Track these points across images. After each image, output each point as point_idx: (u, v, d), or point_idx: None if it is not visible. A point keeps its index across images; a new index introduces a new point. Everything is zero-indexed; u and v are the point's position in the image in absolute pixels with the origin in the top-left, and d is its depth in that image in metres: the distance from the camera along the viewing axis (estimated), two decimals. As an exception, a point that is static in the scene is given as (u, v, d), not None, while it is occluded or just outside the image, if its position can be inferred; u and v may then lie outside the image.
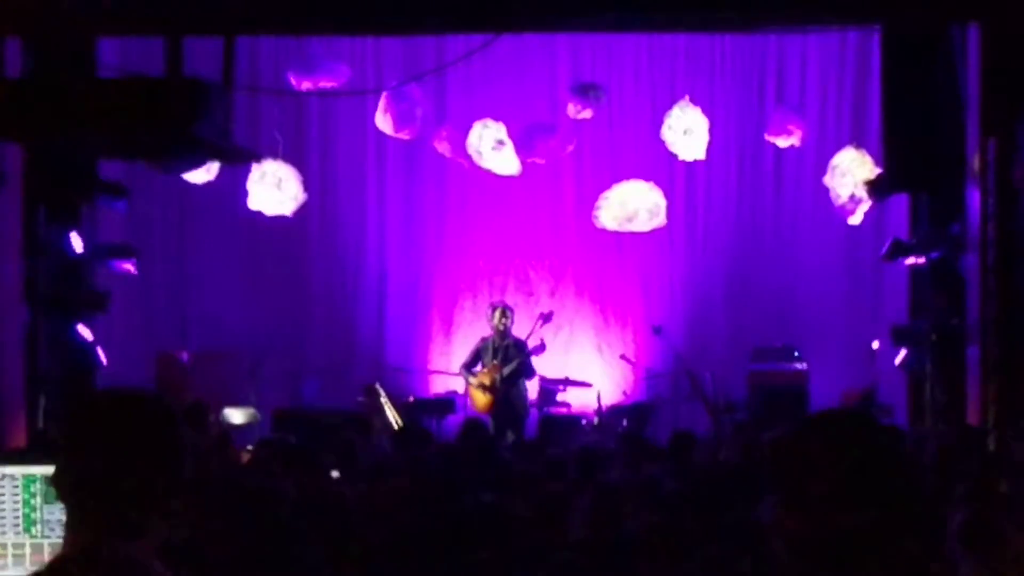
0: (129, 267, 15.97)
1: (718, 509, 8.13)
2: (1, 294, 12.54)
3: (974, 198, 12.83)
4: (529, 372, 17.15)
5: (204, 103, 11.41)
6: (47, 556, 5.24)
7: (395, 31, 16.16)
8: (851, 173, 15.65)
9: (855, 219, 16.45)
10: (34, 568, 4.38)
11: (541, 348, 17.08)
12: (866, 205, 15.96)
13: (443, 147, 17.56)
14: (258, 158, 15.82)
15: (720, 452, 11.20)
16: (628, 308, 19.45)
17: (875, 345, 17.33)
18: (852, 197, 15.64)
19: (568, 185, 19.41)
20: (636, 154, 18.65)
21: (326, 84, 16.54)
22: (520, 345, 17.06)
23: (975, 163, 12.74)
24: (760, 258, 19.17)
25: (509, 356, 16.93)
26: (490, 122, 16.91)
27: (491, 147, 16.75)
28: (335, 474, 10.72)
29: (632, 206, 16.52)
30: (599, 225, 17.04)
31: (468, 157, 17.13)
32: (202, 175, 15.61)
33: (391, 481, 9.39)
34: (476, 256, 19.56)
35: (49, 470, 3.70)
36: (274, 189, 16.30)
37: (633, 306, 19.43)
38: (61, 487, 3.28)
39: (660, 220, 16.68)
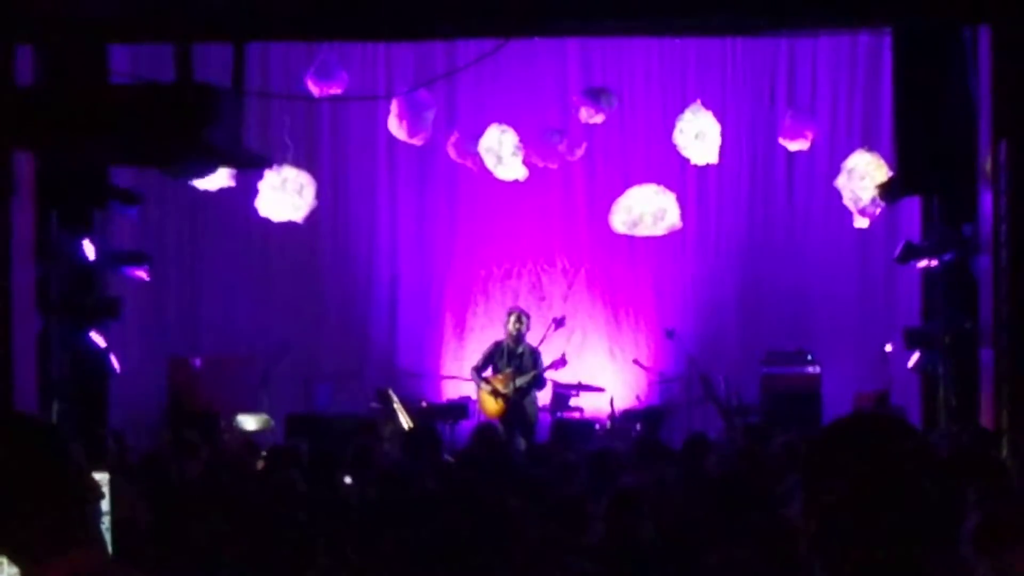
0: (141, 273, 15.97)
1: (732, 512, 8.12)
2: (14, 301, 12.51)
3: (986, 200, 12.79)
4: (540, 384, 17.16)
5: (215, 109, 11.39)
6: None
7: (406, 36, 16.15)
8: (869, 176, 15.62)
9: (862, 223, 16.43)
10: None
11: (562, 363, 17.04)
12: (877, 208, 15.96)
13: (454, 152, 17.58)
14: (269, 163, 15.82)
15: (733, 455, 11.18)
16: (641, 312, 19.45)
17: (888, 348, 17.31)
18: (873, 200, 15.62)
19: (580, 189, 19.43)
20: (648, 158, 18.67)
21: (338, 90, 16.58)
22: (535, 355, 17.06)
23: (987, 165, 12.71)
24: (772, 261, 19.16)
25: (523, 366, 16.95)
26: (506, 127, 16.91)
27: (511, 152, 16.76)
28: (348, 480, 10.73)
29: (637, 211, 16.51)
30: (614, 230, 17.04)
31: (477, 162, 17.14)
32: (220, 180, 15.61)
33: (404, 486, 9.40)
34: (488, 260, 19.57)
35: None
36: (295, 195, 16.33)
37: (646, 310, 19.43)
38: None
39: (669, 223, 16.62)
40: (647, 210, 16.50)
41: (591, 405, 17.77)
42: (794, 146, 17.38)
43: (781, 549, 6.47)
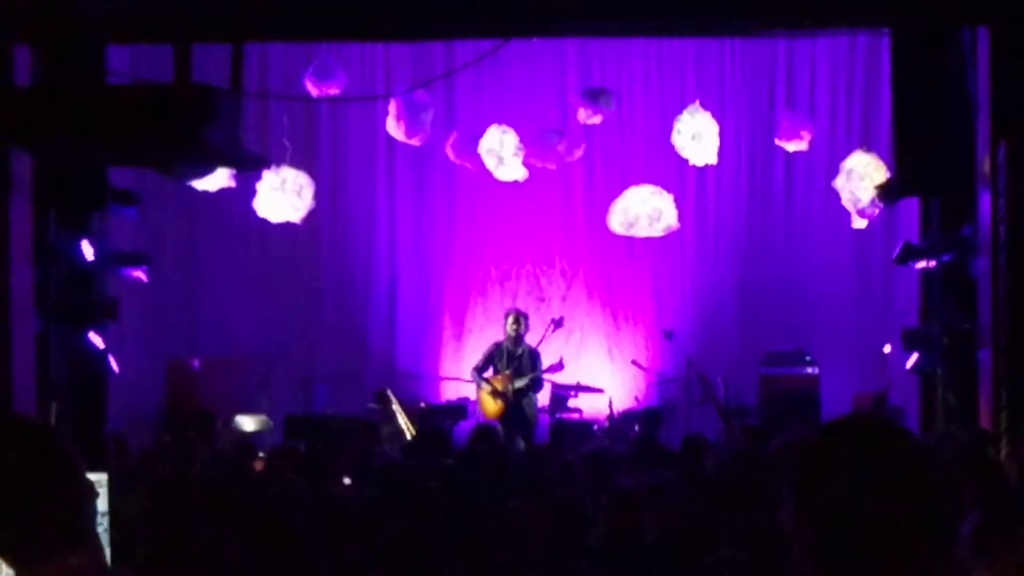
0: (140, 274, 15.98)
1: (730, 513, 8.12)
2: (12, 302, 12.53)
3: (985, 201, 12.81)
4: (538, 386, 17.14)
5: (213, 109, 11.40)
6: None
7: (405, 37, 16.15)
8: (868, 177, 15.62)
9: (860, 224, 16.43)
10: None
11: (559, 367, 17.04)
12: (876, 209, 15.96)
13: (452, 152, 17.57)
14: (268, 164, 15.81)
15: (732, 456, 11.18)
16: (639, 313, 19.44)
17: (887, 349, 17.31)
18: (872, 201, 15.63)
19: (578, 190, 19.42)
20: (646, 159, 18.65)
21: (337, 90, 16.58)
22: (534, 356, 17.04)
23: (986, 166, 12.72)
24: (771, 262, 19.15)
25: (523, 367, 16.93)
26: (507, 128, 16.90)
27: (512, 153, 16.74)
28: (347, 480, 10.73)
29: (633, 212, 16.50)
30: (612, 231, 17.04)
31: (477, 163, 17.13)
32: (219, 181, 15.59)
33: (403, 487, 9.39)
34: (487, 261, 19.56)
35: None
36: (294, 196, 16.32)
37: (644, 311, 19.42)
38: None
39: (665, 224, 16.57)
40: (643, 211, 16.48)
41: (590, 406, 17.76)
42: (791, 147, 17.37)
43: (780, 551, 6.47)
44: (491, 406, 16.90)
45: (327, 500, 9.07)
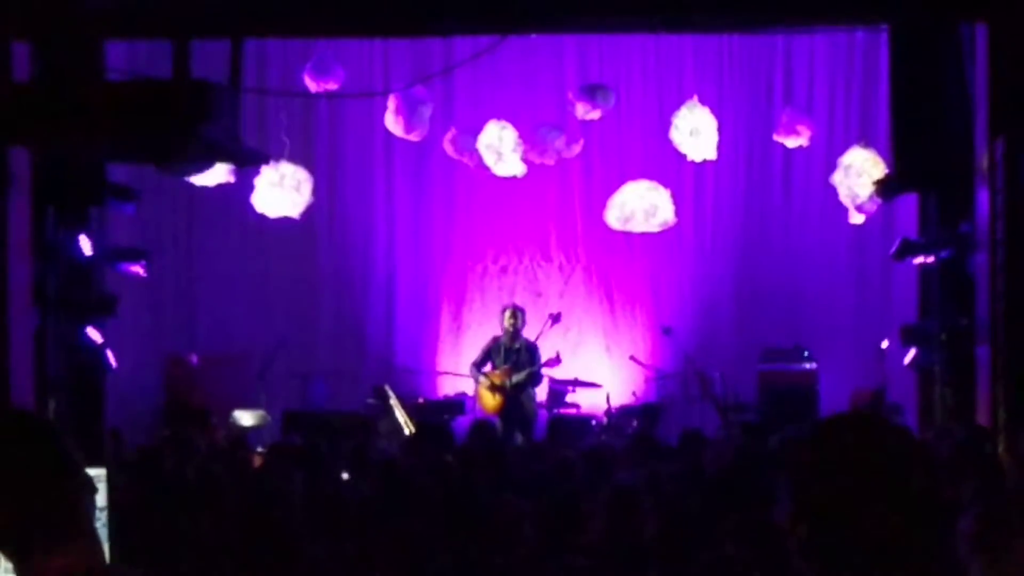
0: (138, 270, 15.96)
1: (728, 509, 8.13)
2: (10, 297, 12.51)
3: (983, 197, 12.79)
4: (536, 380, 17.13)
5: (212, 105, 11.39)
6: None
7: (403, 33, 16.14)
8: (867, 173, 15.61)
9: (858, 219, 16.42)
10: None
11: (556, 361, 17.04)
12: (874, 205, 15.95)
13: (451, 148, 17.57)
14: (267, 160, 15.79)
15: (730, 452, 11.19)
16: (637, 309, 19.45)
17: (884, 345, 17.31)
18: (871, 197, 15.62)
19: (576, 186, 19.42)
20: (644, 154, 18.64)
21: (336, 86, 16.58)
22: (532, 351, 17.03)
23: (984, 162, 12.71)
24: (769, 258, 19.16)
25: (520, 361, 16.92)
26: (506, 123, 16.89)
27: (511, 148, 16.73)
28: (345, 476, 10.75)
29: (629, 207, 16.47)
30: (610, 226, 17.03)
31: (475, 158, 17.12)
32: (217, 176, 15.58)
33: (401, 482, 9.41)
34: (485, 257, 19.57)
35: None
36: (293, 192, 16.31)
37: (642, 306, 19.42)
38: None
39: (661, 219, 16.52)
40: (639, 206, 16.45)
41: (588, 401, 17.76)
42: (789, 143, 17.36)
43: (777, 547, 6.48)
44: (490, 401, 16.91)
45: (325, 495, 9.09)
